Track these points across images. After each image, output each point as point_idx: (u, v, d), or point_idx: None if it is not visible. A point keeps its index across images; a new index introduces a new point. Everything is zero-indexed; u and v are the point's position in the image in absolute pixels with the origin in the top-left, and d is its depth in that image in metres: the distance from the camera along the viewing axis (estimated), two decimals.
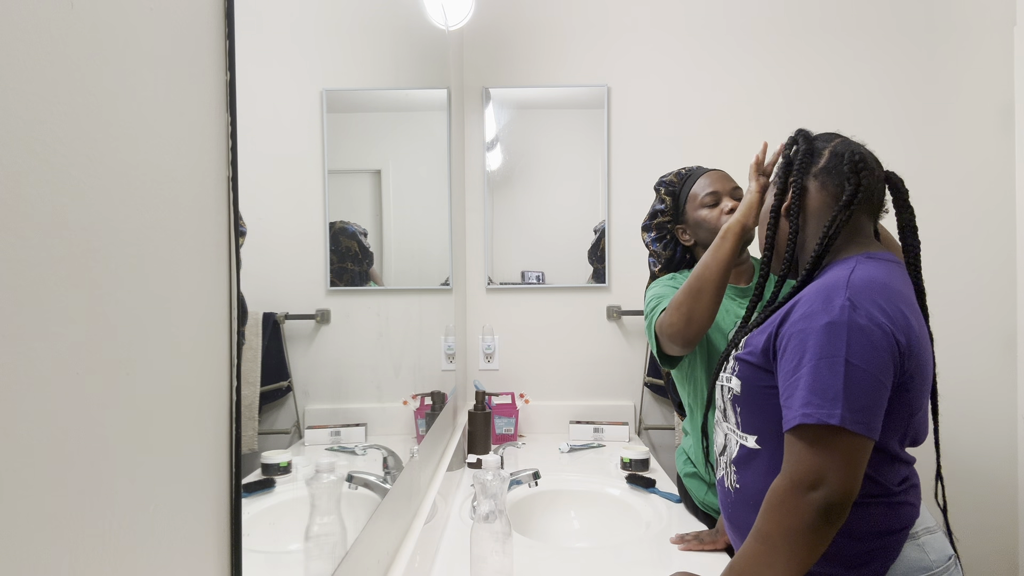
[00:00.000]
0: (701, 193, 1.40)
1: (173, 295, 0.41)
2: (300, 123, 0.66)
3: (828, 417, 0.79)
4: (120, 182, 0.36)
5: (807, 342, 0.84)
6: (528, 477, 1.54)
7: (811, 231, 0.99)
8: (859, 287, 0.85)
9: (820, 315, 0.84)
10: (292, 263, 0.64)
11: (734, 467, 0.99)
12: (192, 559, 0.42)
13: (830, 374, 0.81)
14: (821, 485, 0.80)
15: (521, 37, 2.24)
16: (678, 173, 1.49)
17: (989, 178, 2.20)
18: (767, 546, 0.83)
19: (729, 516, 1.00)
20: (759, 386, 0.93)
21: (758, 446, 0.94)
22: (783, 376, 0.87)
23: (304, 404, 0.65)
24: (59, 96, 0.31)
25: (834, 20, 2.21)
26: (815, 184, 0.99)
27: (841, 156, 0.97)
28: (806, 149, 1.00)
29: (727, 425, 1.01)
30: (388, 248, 1.04)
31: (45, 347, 0.30)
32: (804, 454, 0.81)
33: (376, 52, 0.99)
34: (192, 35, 0.43)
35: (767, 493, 0.85)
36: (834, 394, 0.80)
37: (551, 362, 2.24)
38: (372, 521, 0.85)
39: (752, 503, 0.93)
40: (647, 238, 1.52)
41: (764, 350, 0.92)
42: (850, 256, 0.94)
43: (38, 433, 0.30)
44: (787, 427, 0.84)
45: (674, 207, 1.46)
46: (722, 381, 1.02)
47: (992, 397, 2.18)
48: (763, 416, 0.93)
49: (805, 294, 0.89)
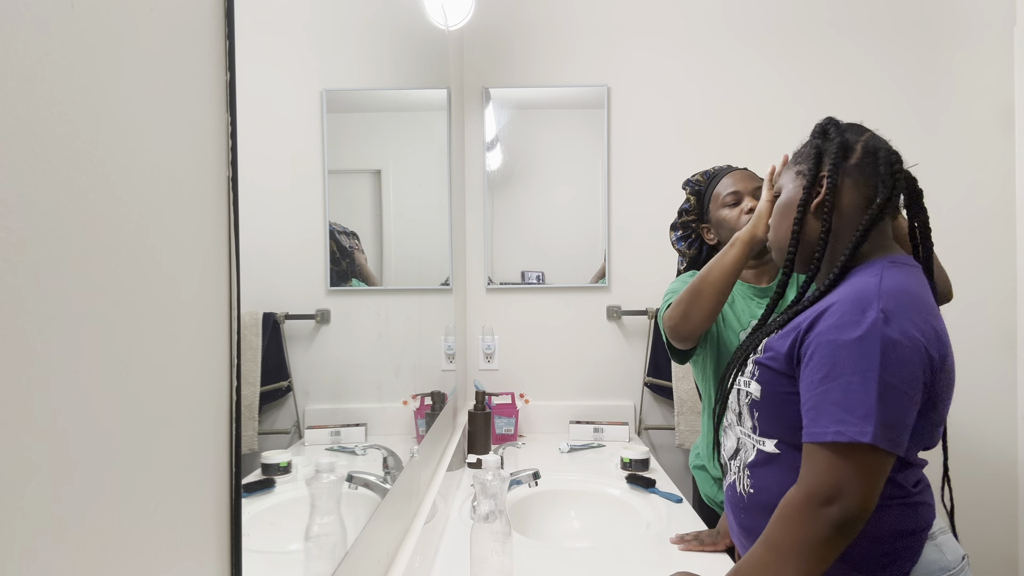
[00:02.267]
0: (723, 192, 1.40)
1: (173, 295, 0.41)
2: (300, 123, 0.66)
3: (860, 435, 0.78)
4: (120, 182, 0.36)
5: (837, 355, 0.81)
6: (528, 477, 1.54)
7: (840, 231, 0.94)
8: (891, 298, 0.83)
9: (851, 327, 0.81)
10: (292, 263, 0.64)
11: (748, 471, 0.96)
12: (192, 559, 0.42)
13: (862, 391, 0.79)
14: (838, 499, 0.79)
15: (521, 37, 2.24)
16: (705, 172, 1.49)
17: (989, 178, 2.20)
18: (776, 555, 0.81)
19: (740, 521, 0.98)
20: (780, 392, 0.90)
21: (777, 451, 0.92)
22: (807, 385, 0.84)
23: (304, 404, 0.65)
24: (59, 96, 0.31)
25: (834, 20, 2.21)
26: (848, 182, 0.93)
27: (875, 154, 0.93)
28: (840, 142, 0.94)
29: (741, 429, 0.99)
30: (388, 248, 1.04)
31: (45, 347, 0.30)
32: (825, 467, 0.80)
33: (376, 52, 0.99)
34: (192, 35, 0.43)
35: (781, 502, 0.84)
36: (865, 411, 0.78)
37: (551, 362, 2.24)
38: (372, 521, 0.85)
39: (768, 509, 0.91)
40: (673, 237, 1.52)
41: (788, 356, 0.89)
42: (874, 260, 0.91)
43: (38, 433, 0.30)
44: (812, 439, 0.82)
45: (699, 206, 1.46)
46: (739, 385, 0.98)
47: (992, 397, 2.18)
48: (783, 422, 0.91)
49: (834, 302, 0.86)
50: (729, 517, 1.04)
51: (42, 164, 0.30)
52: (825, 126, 0.98)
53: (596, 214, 2.24)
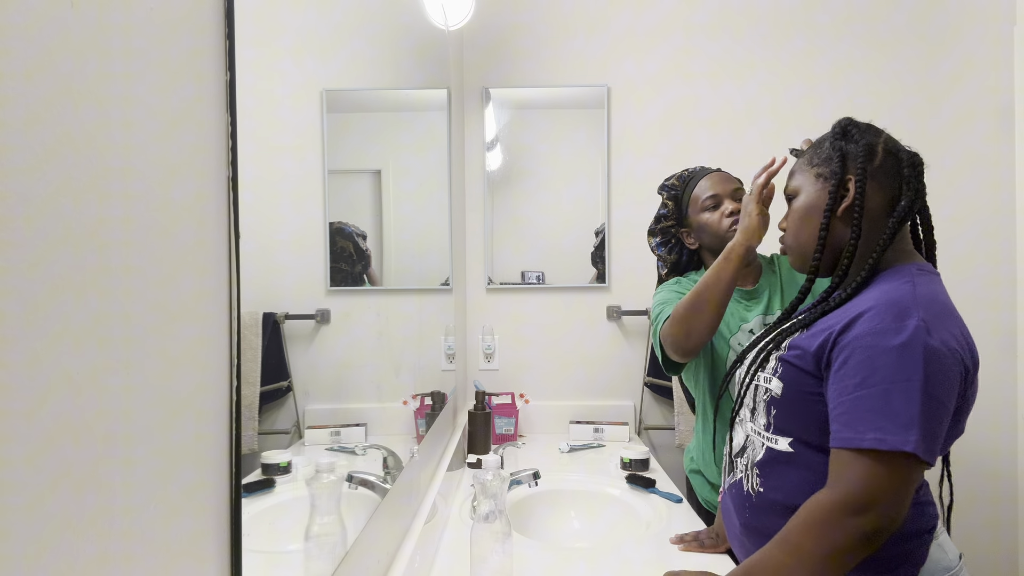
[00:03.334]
0: (702, 196, 1.39)
1: (173, 295, 0.41)
2: (300, 123, 0.66)
3: (903, 444, 0.76)
4: (120, 182, 0.36)
5: (877, 361, 0.80)
6: (528, 477, 1.54)
7: (868, 234, 0.93)
8: (928, 307, 0.82)
9: (892, 334, 0.80)
10: (292, 263, 0.64)
11: (757, 470, 0.95)
12: (192, 559, 0.42)
13: (904, 400, 0.77)
14: (872, 509, 0.77)
15: (521, 37, 2.24)
16: (680, 176, 1.48)
17: (989, 178, 2.20)
18: (795, 559, 0.80)
19: (745, 520, 0.97)
20: (803, 391, 0.89)
21: (791, 449, 0.91)
22: (840, 389, 0.83)
23: (304, 404, 0.65)
24: (59, 96, 0.31)
25: (833, 20, 2.21)
26: (873, 185, 0.92)
27: (897, 156, 0.92)
28: (866, 144, 0.93)
29: (752, 426, 0.97)
30: (388, 248, 1.04)
31: (44, 347, 0.30)
32: (860, 475, 0.78)
33: (376, 52, 0.99)
34: (192, 35, 0.43)
35: (808, 507, 0.82)
36: (908, 420, 0.77)
37: (551, 362, 2.24)
38: (372, 521, 0.85)
39: (780, 508, 0.90)
40: (652, 243, 1.51)
41: (816, 356, 0.87)
42: (901, 265, 0.91)
43: (38, 433, 0.30)
44: (845, 444, 0.80)
45: (677, 211, 1.46)
46: (758, 381, 0.96)
47: (992, 397, 2.18)
48: (801, 420, 0.90)
49: (870, 306, 0.84)
50: (729, 517, 1.03)
51: (42, 164, 0.30)
52: (846, 127, 0.96)
53: (596, 214, 2.24)
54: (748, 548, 0.97)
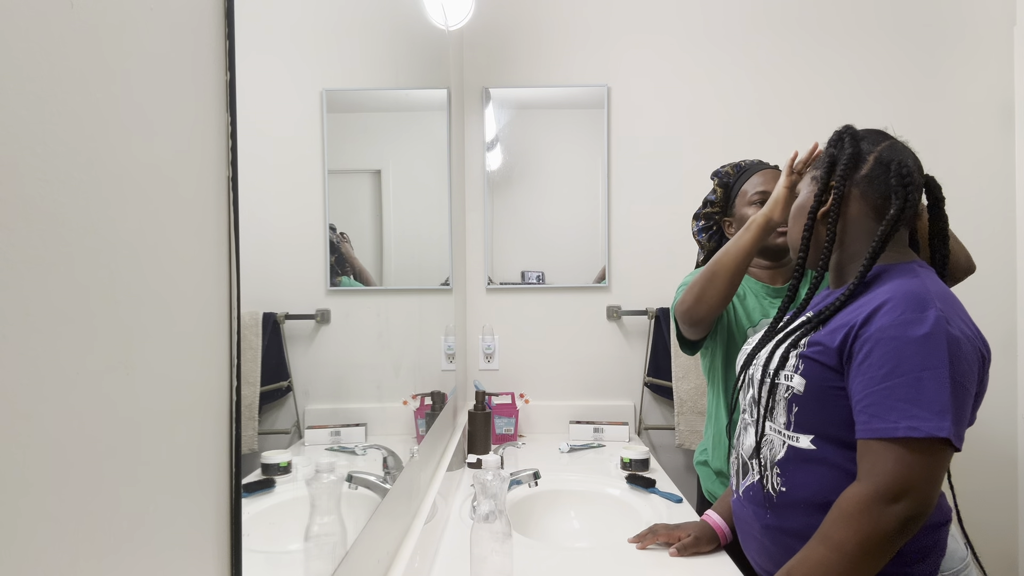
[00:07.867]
0: (751, 191, 1.40)
1: (173, 295, 0.41)
2: (300, 123, 0.66)
3: (937, 430, 0.78)
4: (120, 182, 0.36)
5: (903, 351, 0.82)
6: (528, 477, 1.54)
7: (849, 238, 0.97)
8: (941, 298, 0.85)
9: (915, 324, 0.82)
10: (292, 263, 0.64)
11: (778, 468, 0.95)
12: (192, 559, 0.42)
13: (936, 387, 0.79)
14: (906, 496, 0.79)
15: (521, 37, 2.24)
16: (735, 165, 1.47)
17: (989, 178, 2.20)
18: (839, 554, 0.81)
19: (765, 520, 0.97)
20: (826, 387, 0.90)
21: (813, 447, 0.91)
22: (866, 381, 0.84)
23: (304, 404, 0.65)
24: (59, 96, 0.31)
25: (833, 20, 2.21)
26: (856, 192, 0.96)
27: (887, 166, 0.95)
28: (852, 152, 0.97)
29: (771, 425, 0.97)
30: (388, 248, 1.04)
31: (44, 347, 0.30)
32: (893, 464, 0.80)
33: (376, 52, 0.99)
34: (192, 35, 0.43)
35: (843, 501, 0.83)
36: (940, 408, 0.79)
37: (551, 362, 2.24)
38: (372, 521, 0.85)
39: (803, 506, 0.91)
40: (695, 227, 1.51)
41: (839, 351, 0.89)
42: (902, 263, 0.93)
43: (38, 434, 0.30)
44: (877, 435, 0.82)
45: (724, 199, 1.46)
46: (778, 379, 0.97)
47: (992, 397, 2.18)
48: (824, 417, 0.91)
49: (887, 299, 0.86)
50: (746, 521, 1.02)
51: (42, 164, 0.30)
52: (841, 135, 1.01)
53: (596, 214, 2.24)
54: (769, 549, 0.97)
